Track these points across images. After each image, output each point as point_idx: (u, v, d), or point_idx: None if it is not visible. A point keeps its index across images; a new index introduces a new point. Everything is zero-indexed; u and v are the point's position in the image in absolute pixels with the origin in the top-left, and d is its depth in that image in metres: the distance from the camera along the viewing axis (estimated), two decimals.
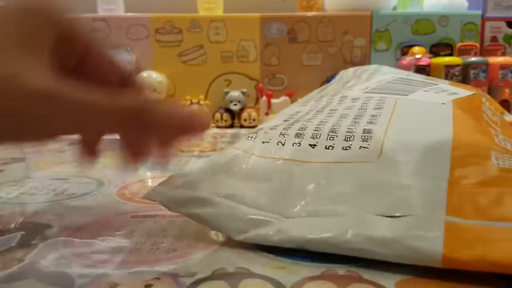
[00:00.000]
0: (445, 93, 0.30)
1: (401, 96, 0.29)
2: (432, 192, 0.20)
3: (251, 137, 0.25)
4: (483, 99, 0.31)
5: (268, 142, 0.25)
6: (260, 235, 0.21)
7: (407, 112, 0.26)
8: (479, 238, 0.18)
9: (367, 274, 0.18)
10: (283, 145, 0.24)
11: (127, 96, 0.20)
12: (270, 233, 0.21)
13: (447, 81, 0.35)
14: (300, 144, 0.24)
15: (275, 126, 0.26)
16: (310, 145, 0.24)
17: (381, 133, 0.24)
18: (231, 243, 0.22)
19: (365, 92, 0.30)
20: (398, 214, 0.20)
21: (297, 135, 0.25)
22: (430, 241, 0.18)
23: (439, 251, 0.18)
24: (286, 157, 0.23)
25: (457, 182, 0.21)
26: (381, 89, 0.31)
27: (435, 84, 0.32)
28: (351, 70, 0.40)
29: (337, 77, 0.41)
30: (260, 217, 0.21)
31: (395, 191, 0.21)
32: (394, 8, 1.01)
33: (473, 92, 0.30)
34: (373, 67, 0.38)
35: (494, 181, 0.21)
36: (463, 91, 0.30)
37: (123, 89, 0.22)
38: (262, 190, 0.22)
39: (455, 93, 0.30)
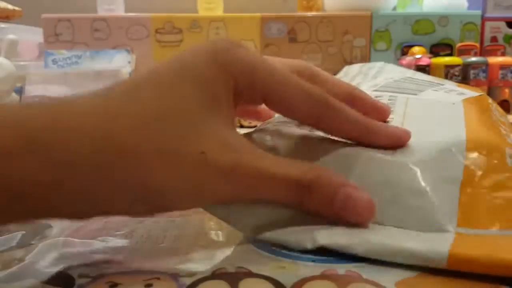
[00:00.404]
0: (454, 93, 0.29)
1: (411, 96, 0.28)
2: (444, 199, 0.20)
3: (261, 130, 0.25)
4: (490, 100, 0.31)
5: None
6: (276, 237, 0.21)
7: (419, 112, 0.26)
8: (490, 242, 0.18)
9: (367, 274, 0.18)
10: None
11: (299, 166, 0.20)
12: (287, 233, 0.20)
13: (453, 82, 0.34)
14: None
15: (283, 121, 0.26)
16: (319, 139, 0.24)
17: None
18: (231, 243, 0.22)
19: (374, 90, 0.30)
20: (411, 229, 0.20)
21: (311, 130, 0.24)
22: (437, 245, 0.18)
23: (445, 249, 0.18)
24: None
25: (470, 185, 0.20)
26: (390, 87, 0.30)
27: (442, 84, 0.32)
28: (356, 66, 0.40)
29: (342, 73, 0.40)
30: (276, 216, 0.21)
31: (408, 198, 0.20)
32: (394, 8, 1.01)
33: (480, 93, 0.30)
34: (379, 64, 0.38)
35: (509, 183, 0.20)
36: (470, 92, 0.30)
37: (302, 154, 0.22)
38: None
39: (463, 93, 0.29)
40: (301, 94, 0.21)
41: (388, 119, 0.25)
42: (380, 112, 0.24)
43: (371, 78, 0.34)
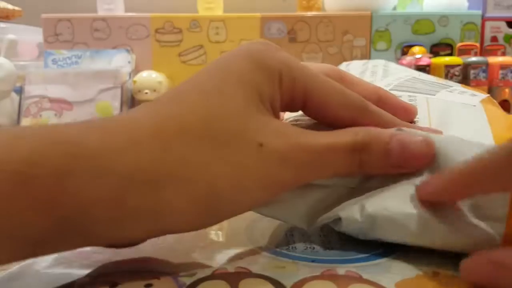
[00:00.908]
0: (467, 94, 0.29)
1: (429, 96, 0.28)
2: None
3: None
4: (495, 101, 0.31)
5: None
6: (328, 216, 0.21)
7: (443, 114, 0.25)
8: None
9: (367, 274, 0.18)
10: None
11: (348, 132, 0.20)
12: (336, 210, 0.21)
13: (456, 83, 0.34)
14: None
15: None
16: None
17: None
18: (231, 243, 0.22)
19: (391, 90, 0.29)
20: None
21: None
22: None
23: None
24: None
25: None
26: (404, 86, 0.30)
27: (451, 86, 0.31)
28: (358, 63, 0.39)
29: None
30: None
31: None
32: (394, 8, 1.01)
33: (486, 94, 0.30)
34: (381, 62, 0.37)
35: None
36: (479, 93, 0.30)
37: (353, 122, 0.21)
38: None
39: (474, 95, 0.29)
40: (340, 98, 0.21)
41: (415, 119, 0.25)
42: (408, 113, 0.25)
43: (382, 77, 0.34)
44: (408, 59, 0.88)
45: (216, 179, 0.18)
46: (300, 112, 0.23)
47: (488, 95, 0.30)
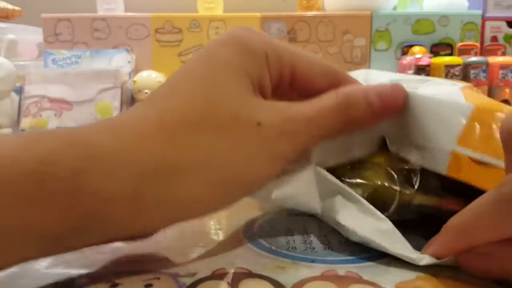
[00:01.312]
0: (448, 84, 0.30)
1: (411, 91, 0.29)
2: (452, 117, 0.22)
3: None
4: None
5: None
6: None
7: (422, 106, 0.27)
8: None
9: (367, 275, 0.18)
10: None
11: (328, 94, 0.21)
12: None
13: (437, 78, 0.35)
14: None
15: None
16: None
17: None
18: (231, 243, 0.22)
19: None
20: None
21: None
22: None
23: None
24: None
25: (478, 119, 0.21)
26: None
27: (429, 80, 0.32)
28: None
29: None
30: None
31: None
32: (394, 8, 1.01)
33: (467, 84, 0.31)
34: (363, 72, 0.38)
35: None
36: (459, 83, 0.30)
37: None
38: None
39: (454, 84, 0.30)
40: (321, 67, 0.22)
41: None
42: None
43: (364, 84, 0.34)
44: (408, 59, 0.88)
45: (225, 162, 0.18)
46: None
47: (470, 84, 0.30)
